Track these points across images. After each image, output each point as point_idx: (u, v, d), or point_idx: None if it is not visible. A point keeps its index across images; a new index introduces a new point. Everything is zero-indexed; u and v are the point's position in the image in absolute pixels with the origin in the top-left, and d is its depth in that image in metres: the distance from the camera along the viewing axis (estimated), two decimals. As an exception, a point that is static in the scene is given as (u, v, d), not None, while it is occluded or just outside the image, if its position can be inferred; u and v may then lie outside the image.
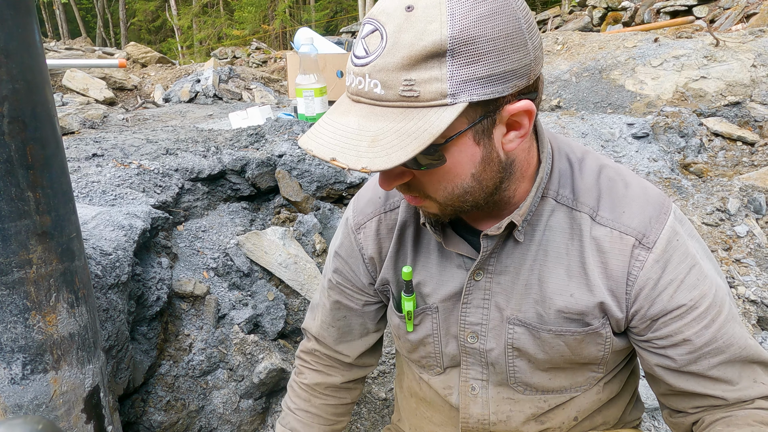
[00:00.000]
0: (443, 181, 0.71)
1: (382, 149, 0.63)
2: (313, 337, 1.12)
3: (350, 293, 1.03)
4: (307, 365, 1.13)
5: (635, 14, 7.69)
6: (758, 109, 3.30)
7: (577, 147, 0.86)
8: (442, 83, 0.62)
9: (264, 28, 22.12)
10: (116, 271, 1.28)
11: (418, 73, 0.62)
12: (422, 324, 0.94)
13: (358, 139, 0.65)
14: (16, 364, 0.91)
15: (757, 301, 2.14)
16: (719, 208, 2.62)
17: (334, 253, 1.03)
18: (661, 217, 0.78)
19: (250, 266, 1.78)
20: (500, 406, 0.93)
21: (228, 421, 1.57)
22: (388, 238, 0.94)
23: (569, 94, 3.98)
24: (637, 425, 1.04)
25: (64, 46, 8.96)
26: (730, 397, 0.79)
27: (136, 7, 27.63)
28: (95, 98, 4.85)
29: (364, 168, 0.62)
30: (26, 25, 0.83)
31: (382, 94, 0.64)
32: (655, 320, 0.78)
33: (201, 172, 1.91)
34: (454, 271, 0.88)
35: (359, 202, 1.00)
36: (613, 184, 0.81)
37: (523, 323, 0.84)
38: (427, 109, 0.63)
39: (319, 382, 1.11)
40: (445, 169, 0.69)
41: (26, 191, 0.85)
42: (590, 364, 0.87)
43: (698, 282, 0.77)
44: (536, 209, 0.81)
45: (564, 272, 0.81)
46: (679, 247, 0.77)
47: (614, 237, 0.78)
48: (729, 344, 0.77)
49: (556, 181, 0.81)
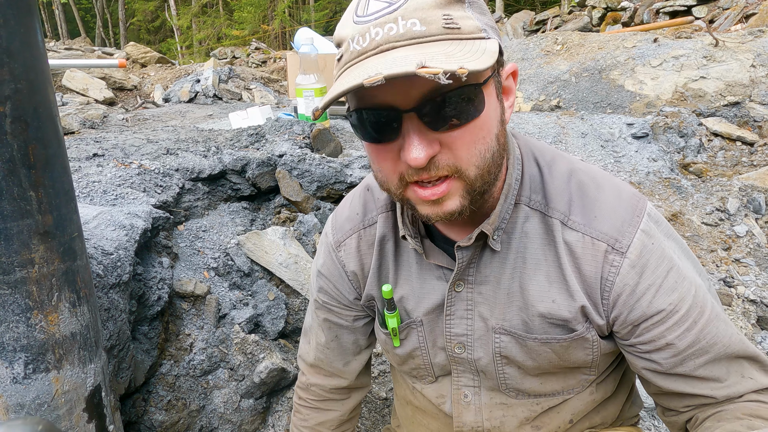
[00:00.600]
0: (475, 141, 0.67)
1: (463, 57, 0.60)
2: (309, 366, 1.11)
3: (338, 311, 1.02)
4: (305, 404, 1.13)
5: (634, 14, 7.70)
6: (757, 109, 3.31)
7: (546, 149, 0.85)
8: (474, 20, 0.66)
9: (263, 28, 22.12)
10: (117, 270, 1.28)
11: (453, 10, 0.64)
12: (408, 338, 0.93)
13: (432, 57, 0.59)
14: (18, 363, 0.91)
15: (756, 301, 2.15)
16: (719, 207, 2.62)
17: (317, 273, 1.02)
18: (634, 219, 0.76)
19: (251, 266, 1.78)
20: (493, 412, 0.92)
21: (229, 421, 1.57)
22: (369, 254, 0.93)
23: (569, 94, 3.99)
24: (635, 422, 1.04)
25: (63, 46, 8.96)
26: (719, 395, 0.78)
27: (136, 7, 27.62)
28: (95, 98, 4.85)
29: (462, 68, 0.56)
30: (28, 25, 0.83)
31: (424, 30, 0.63)
32: (637, 326, 0.78)
33: (201, 172, 1.91)
34: (434, 284, 0.87)
35: (337, 220, 0.98)
36: (584, 187, 0.79)
37: (508, 332, 0.84)
38: (472, 40, 0.64)
39: (321, 422, 1.11)
40: (478, 124, 0.67)
41: (28, 191, 0.85)
42: (581, 367, 0.87)
43: (677, 285, 0.76)
44: (510, 216, 0.80)
45: (544, 278, 0.80)
46: (654, 250, 0.76)
47: (586, 242, 0.77)
48: (713, 343, 0.77)
49: (527, 187, 0.80)
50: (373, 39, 0.63)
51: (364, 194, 0.96)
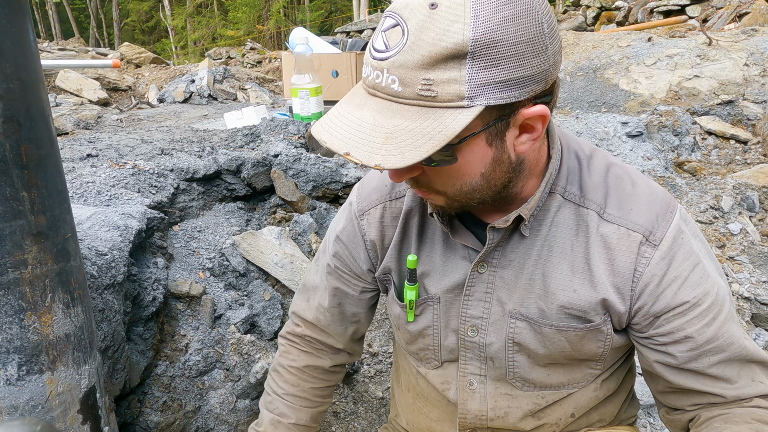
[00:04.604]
0: (452, 179, 0.72)
1: (396, 147, 0.63)
2: (305, 322, 1.11)
3: (348, 278, 1.03)
4: (297, 346, 1.12)
5: (629, 14, 7.73)
6: (751, 107, 3.33)
7: (586, 145, 0.87)
8: (461, 85, 0.62)
9: (258, 28, 22.07)
10: (112, 271, 1.28)
11: (437, 73, 0.62)
12: (423, 314, 0.94)
13: (373, 134, 0.65)
14: (12, 364, 0.91)
15: (750, 298, 2.16)
16: (713, 206, 2.64)
17: (335, 237, 1.02)
18: (667, 215, 0.79)
19: (246, 266, 1.78)
20: (498, 402, 0.93)
21: (225, 422, 1.57)
22: (392, 226, 0.94)
23: (564, 93, 4.00)
24: (632, 422, 1.05)
25: (57, 46, 8.91)
26: (728, 395, 0.79)
27: (130, 8, 27.50)
28: (89, 99, 4.83)
29: (377, 165, 0.62)
30: (20, 24, 0.83)
31: (399, 90, 0.64)
32: (658, 317, 0.79)
33: (196, 172, 1.90)
34: (458, 263, 0.88)
35: (364, 189, 0.99)
36: (621, 182, 0.82)
37: (525, 318, 0.85)
38: (443, 110, 0.63)
39: (308, 365, 1.10)
40: (455, 167, 0.70)
41: (21, 191, 0.85)
42: (589, 360, 0.88)
43: (701, 280, 0.78)
44: (543, 205, 0.82)
45: (568, 268, 0.81)
46: (683, 245, 0.78)
47: (622, 234, 0.79)
48: (729, 343, 0.78)
49: (564, 178, 0.82)
50: (368, 76, 0.68)
51: None
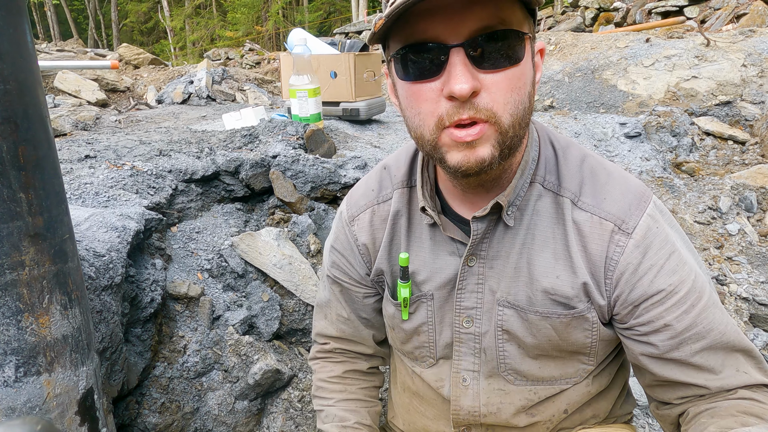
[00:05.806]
0: (513, 90, 0.71)
1: None
2: (331, 338, 1.12)
3: (349, 286, 1.05)
4: (330, 360, 1.13)
5: (627, 15, 7.74)
6: (749, 108, 3.33)
7: (561, 137, 0.90)
8: None
9: (257, 29, 22.08)
10: (110, 272, 1.28)
11: None
12: (417, 312, 0.95)
13: None
14: (9, 366, 0.90)
15: (748, 299, 2.16)
16: (711, 206, 2.64)
17: (330, 248, 1.05)
18: (641, 204, 0.81)
19: (245, 267, 1.78)
20: (491, 398, 0.94)
21: (223, 423, 1.56)
22: (382, 228, 0.96)
23: (562, 94, 4.00)
24: (628, 420, 1.05)
25: (55, 47, 8.90)
26: (712, 386, 0.80)
27: (128, 9, 27.51)
28: (87, 100, 4.82)
29: None
30: (17, 25, 0.83)
31: None
32: (637, 306, 0.80)
33: (195, 174, 1.90)
34: (447, 259, 0.90)
35: (352, 197, 1.02)
36: (596, 172, 0.84)
37: (512, 305, 0.86)
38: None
39: (347, 370, 1.12)
40: (518, 72, 0.71)
41: (18, 192, 0.85)
42: (579, 353, 0.89)
43: (678, 267, 0.79)
44: (525, 194, 0.84)
45: (551, 255, 0.83)
46: (659, 233, 0.80)
47: (594, 222, 0.81)
48: (710, 329, 0.79)
49: (542, 168, 0.84)
50: None
51: (380, 172, 1.00)
